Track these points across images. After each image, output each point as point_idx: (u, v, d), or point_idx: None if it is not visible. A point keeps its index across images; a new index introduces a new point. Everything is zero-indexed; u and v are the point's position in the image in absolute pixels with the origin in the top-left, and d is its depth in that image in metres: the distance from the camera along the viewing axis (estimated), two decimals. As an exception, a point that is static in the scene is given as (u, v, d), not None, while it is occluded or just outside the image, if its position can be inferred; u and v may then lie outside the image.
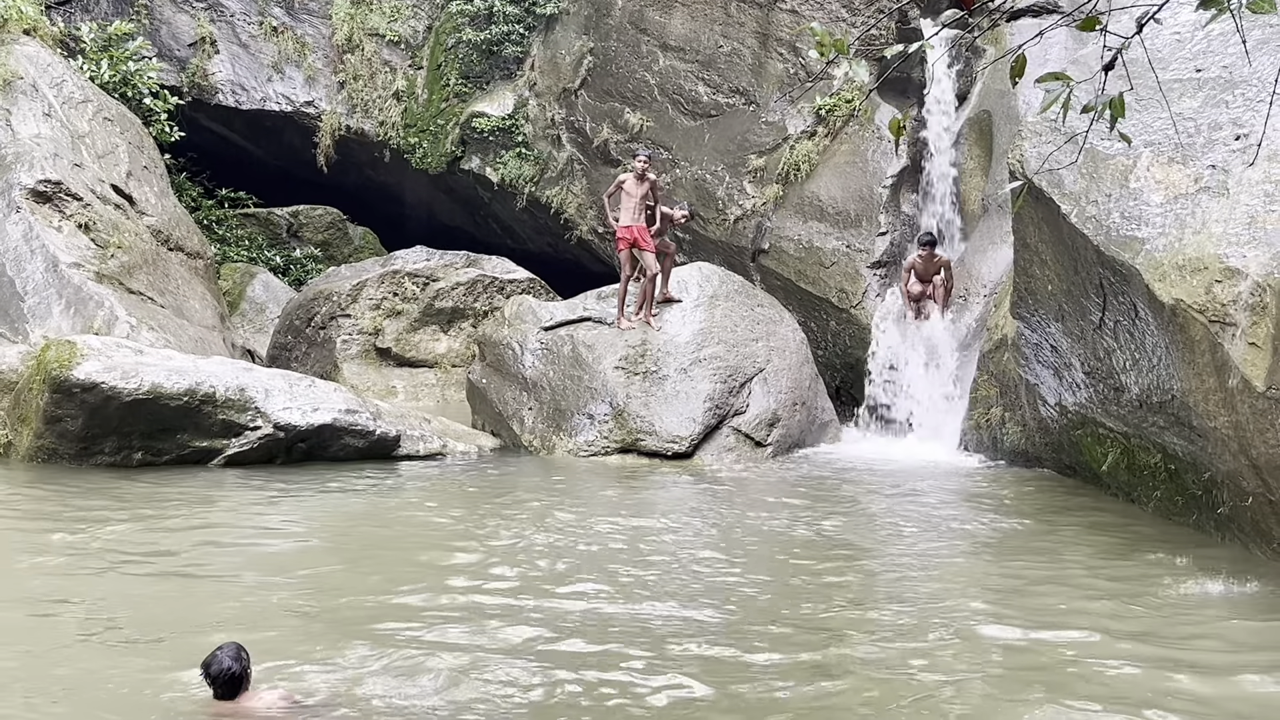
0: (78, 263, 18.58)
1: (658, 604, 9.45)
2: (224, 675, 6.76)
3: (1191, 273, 10.79)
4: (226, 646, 6.90)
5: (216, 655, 6.83)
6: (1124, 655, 8.23)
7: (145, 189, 21.27)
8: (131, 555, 10.62)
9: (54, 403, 14.47)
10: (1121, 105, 4.35)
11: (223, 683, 6.77)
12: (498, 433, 18.11)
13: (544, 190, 25.85)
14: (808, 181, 21.89)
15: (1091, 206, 12.12)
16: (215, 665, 6.78)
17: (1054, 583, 10.30)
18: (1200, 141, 11.78)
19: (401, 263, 24.25)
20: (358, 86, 27.76)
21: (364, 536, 11.92)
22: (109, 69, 23.56)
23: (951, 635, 8.80)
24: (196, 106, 27.43)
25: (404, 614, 8.97)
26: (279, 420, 15.25)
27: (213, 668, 6.79)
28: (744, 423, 16.98)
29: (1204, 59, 12.53)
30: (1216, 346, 10.44)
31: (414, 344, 23.33)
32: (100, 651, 8.02)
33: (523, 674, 7.66)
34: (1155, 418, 12.06)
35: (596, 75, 24.98)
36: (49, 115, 20.21)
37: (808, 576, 10.44)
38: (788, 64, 22.57)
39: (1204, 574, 10.36)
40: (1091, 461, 14.06)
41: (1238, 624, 9.10)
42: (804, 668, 7.97)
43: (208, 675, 6.80)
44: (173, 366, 15.07)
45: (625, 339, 17.56)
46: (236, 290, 25.99)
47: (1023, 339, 14.53)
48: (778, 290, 21.27)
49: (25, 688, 7.28)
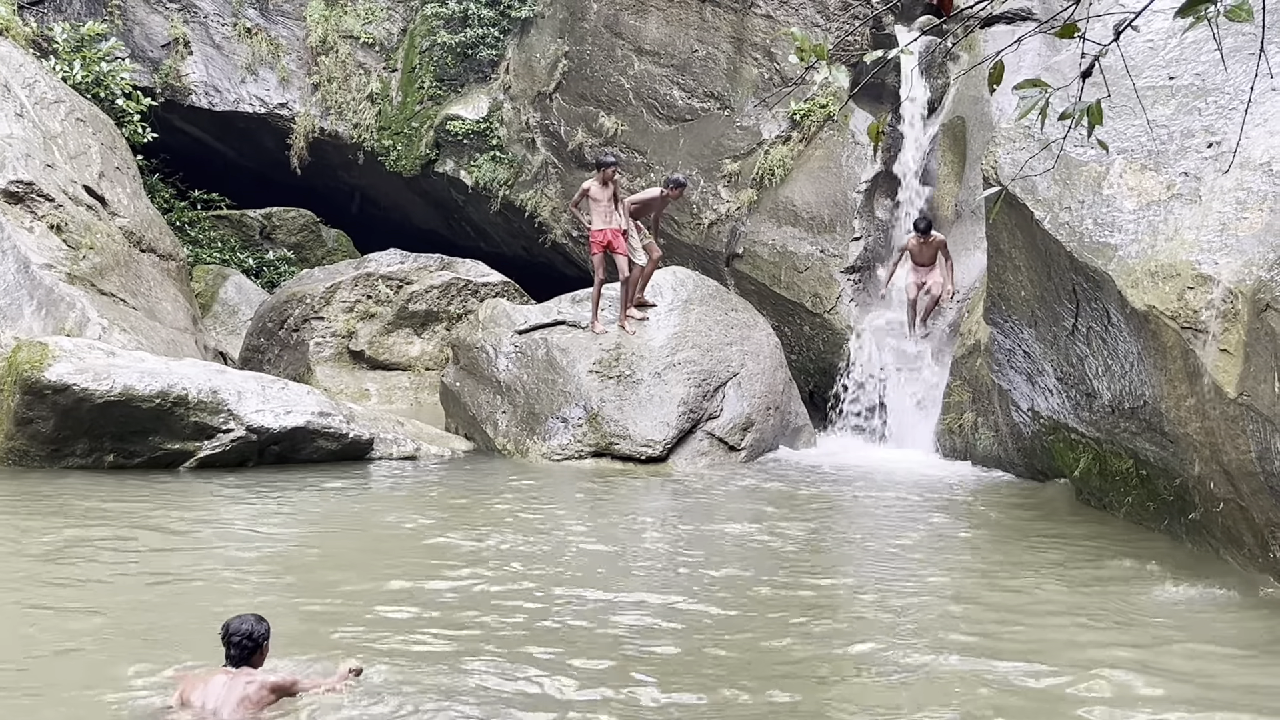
0: (49, 264, 18.47)
1: (623, 610, 9.45)
2: (240, 635, 6.82)
3: (1164, 279, 10.84)
4: (249, 613, 6.99)
5: (239, 616, 6.92)
6: (1094, 661, 8.27)
7: (118, 190, 21.16)
8: (102, 559, 10.56)
9: (25, 404, 14.40)
10: (1099, 112, 4.37)
11: (238, 643, 6.81)
12: (471, 436, 18.08)
13: (518, 194, 25.83)
14: (782, 186, 21.93)
15: (1065, 213, 12.18)
16: (235, 625, 6.86)
17: (1022, 589, 10.34)
18: (1173, 149, 11.84)
19: (375, 265, 24.17)
20: (332, 89, 27.68)
21: (337, 539, 11.89)
22: (82, 70, 23.43)
23: (916, 642, 8.82)
24: (169, 108, 27.31)
25: (375, 617, 8.95)
26: (252, 423, 15.20)
27: (231, 627, 6.86)
28: (718, 427, 16.99)
29: (1177, 66, 12.60)
30: (1189, 353, 10.50)
31: (387, 347, 23.27)
32: (68, 655, 7.98)
33: (491, 679, 7.65)
34: (1127, 424, 12.12)
35: (571, 79, 24.97)
36: (21, 115, 20.10)
37: (776, 583, 10.45)
38: (762, 69, 22.61)
39: (1175, 579, 10.43)
40: (1063, 467, 14.11)
41: (1208, 629, 9.15)
42: (770, 678, 7.98)
43: (226, 635, 6.85)
44: (145, 368, 15.00)
45: (599, 343, 17.56)
46: (209, 292, 25.87)
47: (996, 345, 14.58)
48: (752, 295, 21.30)
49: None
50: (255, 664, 6.88)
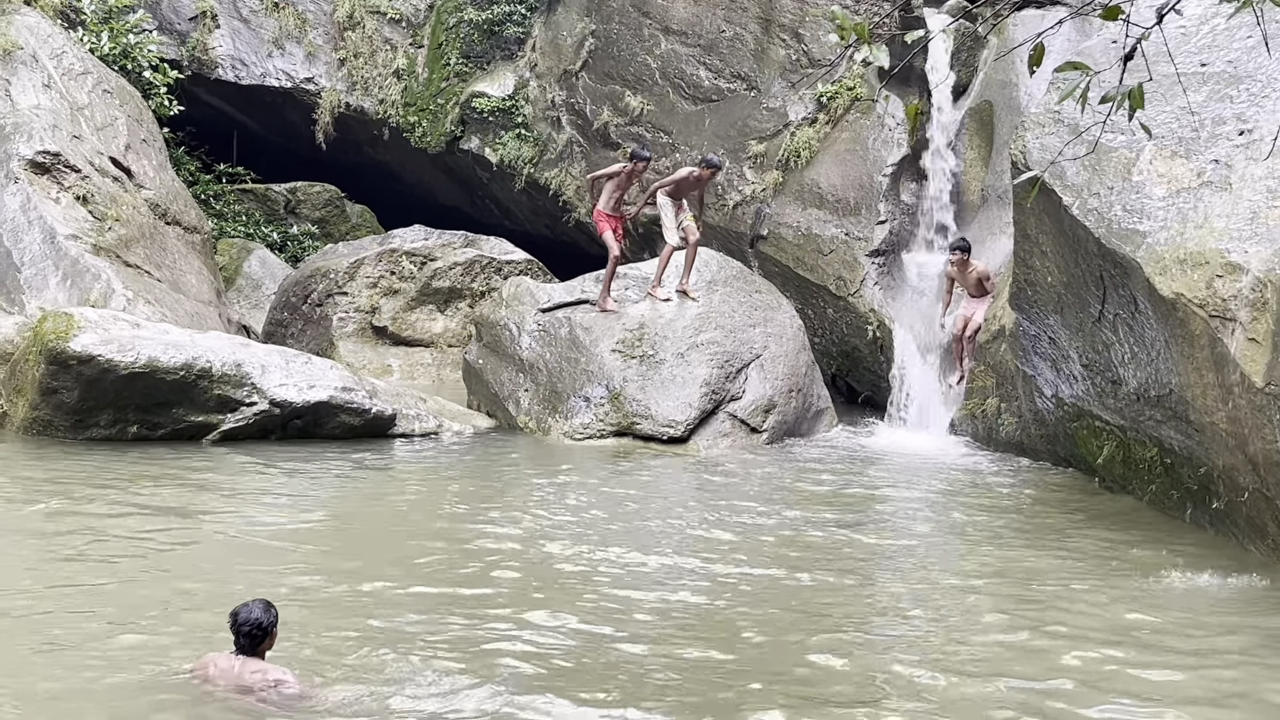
0: (75, 235, 18.52)
1: (643, 590, 9.47)
2: (249, 624, 6.84)
3: (1193, 267, 10.79)
4: (256, 600, 6.98)
5: (247, 605, 6.92)
6: (1115, 645, 8.26)
7: (144, 162, 21.20)
8: (126, 530, 10.61)
9: (50, 374, 14.45)
10: (1140, 96, 4.33)
11: (247, 633, 6.84)
12: (493, 413, 18.09)
13: (543, 172, 25.80)
14: (808, 168, 21.87)
15: (1093, 199, 12.12)
16: (244, 614, 6.87)
17: (1045, 575, 10.31)
18: (1204, 136, 11.77)
19: (399, 241, 24.17)
20: (358, 64, 27.67)
21: (358, 516, 11.92)
22: (109, 41, 23.46)
23: (943, 626, 8.82)
24: (196, 80, 27.33)
25: (399, 596, 8.98)
26: (275, 396, 15.22)
27: (240, 616, 6.88)
28: (740, 408, 16.97)
29: (1209, 53, 12.53)
30: (1216, 341, 10.45)
31: (410, 323, 23.30)
32: (92, 627, 8.02)
33: (522, 660, 7.67)
34: (1152, 411, 12.07)
35: (598, 57, 24.92)
36: (48, 86, 20.14)
37: (798, 565, 10.45)
38: (790, 50, 22.54)
39: (1198, 568, 10.39)
40: (1087, 454, 14.07)
41: (1231, 619, 9.12)
42: (795, 662, 8.00)
43: (234, 623, 6.88)
44: (169, 340, 15.04)
45: (622, 322, 17.54)
46: (233, 266, 25.93)
47: (1021, 330, 14.54)
48: (775, 277, 21.25)
49: (13, 666, 7.27)
50: (262, 651, 6.91)
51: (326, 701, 6.82)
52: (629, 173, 18.03)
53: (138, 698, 6.84)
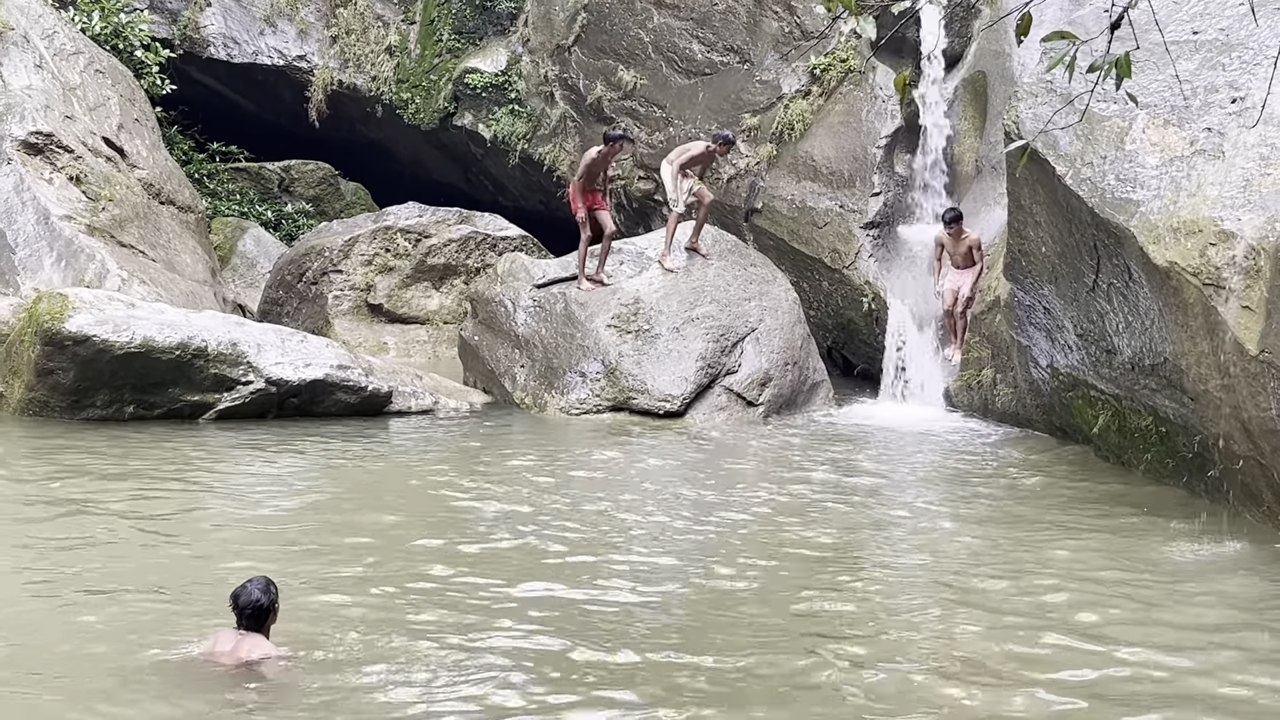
0: (69, 215, 18.51)
1: (649, 569, 9.50)
2: (251, 606, 6.94)
3: (1186, 235, 10.80)
4: (256, 579, 7.08)
5: (246, 586, 7.02)
6: (1100, 613, 8.31)
7: (137, 142, 21.18)
8: (127, 509, 10.64)
9: (45, 355, 14.45)
10: (1128, 65, 4.34)
11: (249, 614, 6.95)
12: (489, 390, 18.11)
13: (537, 147, 25.77)
14: (801, 141, 21.83)
15: (1087, 168, 12.11)
16: (244, 596, 6.98)
17: (1044, 544, 10.35)
18: (1196, 104, 11.77)
19: (394, 219, 24.15)
20: (350, 41, 27.62)
21: (356, 493, 11.93)
22: (100, 21, 23.40)
23: (940, 596, 8.86)
24: (188, 59, 27.27)
25: (400, 573, 9.01)
26: (271, 375, 15.24)
27: (241, 598, 6.98)
28: (736, 382, 16.98)
29: (1200, 21, 12.52)
30: (1210, 310, 10.47)
31: (406, 300, 23.30)
32: (96, 606, 8.04)
33: (520, 644, 7.70)
34: (1147, 380, 12.10)
35: (590, 32, 24.84)
36: (40, 67, 20.10)
37: (797, 542, 10.49)
38: (782, 22, 22.47)
39: (1193, 536, 10.45)
40: (1082, 424, 14.10)
41: (1226, 585, 9.16)
42: (791, 639, 8.02)
43: (235, 604, 6.98)
44: (165, 320, 15.04)
45: (617, 297, 17.55)
46: (227, 245, 25.90)
47: (1015, 301, 14.55)
48: (770, 250, 21.24)
49: (20, 649, 7.29)
50: (267, 628, 7.00)
51: (315, 679, 6.89)
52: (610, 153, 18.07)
53: (144, 674, 6.87)
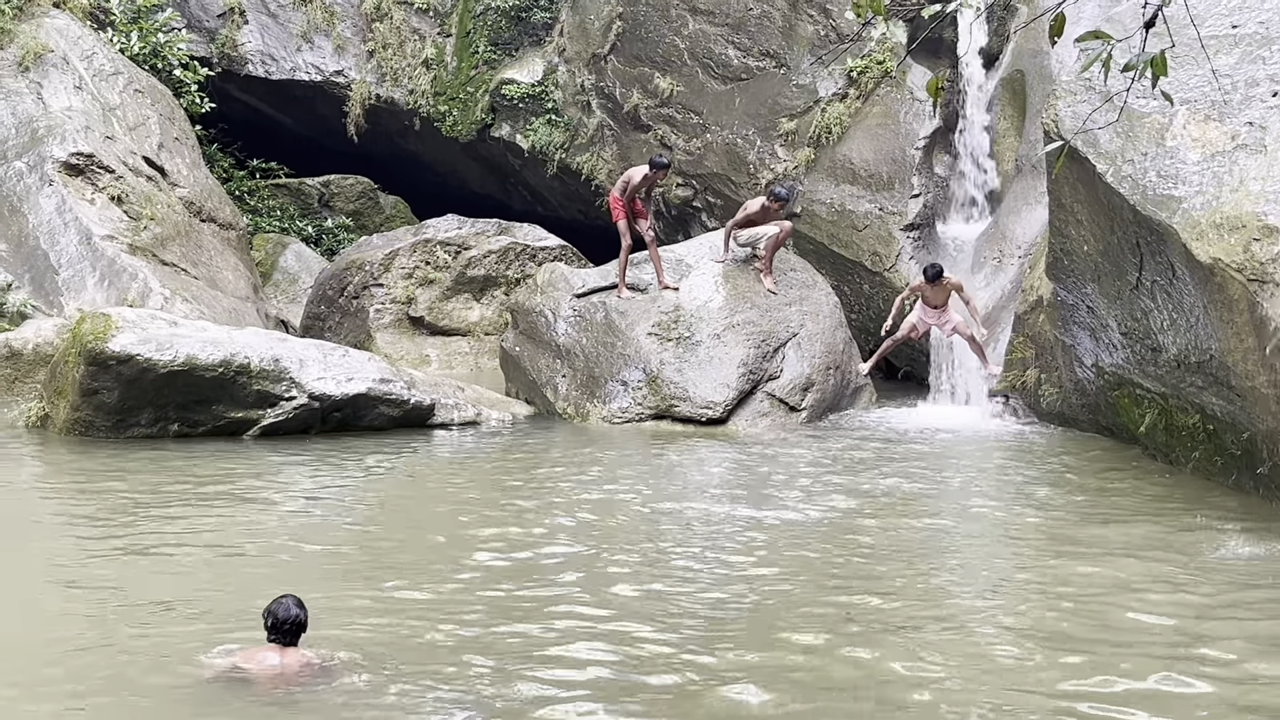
0: (111, 235, 18.65)
1: (709, 576, 9.46)
2: (290, 622, 7.06)
3: (1229, 231, 10.69)
4: (288, 596, 7.18)
5: (283, 602, 7.12)
6: (1155, 614, 8.22)
7: (177, 160, 21.32)
8: (173, 525, 10.67)
9: (90, 375, 14.53)
10: (1163, 63, 4.29)
11: (288, 629, 7.06)
12: (532, 400, 18.11)
13: (574, 157, 25.79)
14: (839, 144, 21.78)
15: (1127, 165, 12.02)
16: (282, 611, 7.08)
17: (1095, 544, 10.24)
18: (1237, 98, 11.66)
19: (433, 231, 24.23)
20: (387, 55, 27.72)
21: (402, 508, 11.94)
22: (139, 41, 23.57)
23: (996, 595, 8.78)
24: (226, 77, 27.44)
25: (455, 587, 8.99)
26: (314, 390, 15.27)
27: (279, 613, 7.08)
28: (778, 388, 16.93)
29: (1240, 15, 12.41)
30: (1255, 305, 10.36)
31: (447, 312, 23.36)
32: (141, 622, 8.06)
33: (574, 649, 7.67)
34: (1193, 378, 11.98)
35: (625, 40, 24.85)
36: (80, 88, 20.27)
37: (850, 546, 10.43)
38: (818, 26, 22.42)
39: (1245, 534, 10.31)
40: (1129, 423, 13.98)
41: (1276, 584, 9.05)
42: (848, 644, 7.96)
43: (274, 621, 7.08)
44: (207, 338, 15.10)
45: (658, 305, 17.53)
46: (269, 261, 26.05)
47: (1058, 300, 14.45)
48: (810, 254, 21.19)
49: (60, 669, 7.32)
50: (297, 643, 7.08)
51: (362, 684, 6.92)
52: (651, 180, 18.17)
53: (184, 694, 6.88)
